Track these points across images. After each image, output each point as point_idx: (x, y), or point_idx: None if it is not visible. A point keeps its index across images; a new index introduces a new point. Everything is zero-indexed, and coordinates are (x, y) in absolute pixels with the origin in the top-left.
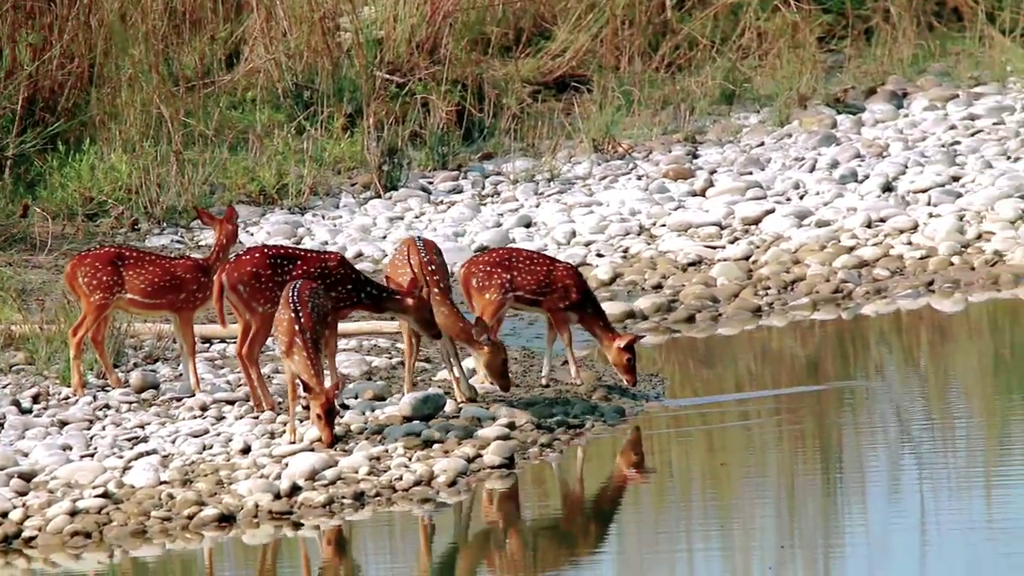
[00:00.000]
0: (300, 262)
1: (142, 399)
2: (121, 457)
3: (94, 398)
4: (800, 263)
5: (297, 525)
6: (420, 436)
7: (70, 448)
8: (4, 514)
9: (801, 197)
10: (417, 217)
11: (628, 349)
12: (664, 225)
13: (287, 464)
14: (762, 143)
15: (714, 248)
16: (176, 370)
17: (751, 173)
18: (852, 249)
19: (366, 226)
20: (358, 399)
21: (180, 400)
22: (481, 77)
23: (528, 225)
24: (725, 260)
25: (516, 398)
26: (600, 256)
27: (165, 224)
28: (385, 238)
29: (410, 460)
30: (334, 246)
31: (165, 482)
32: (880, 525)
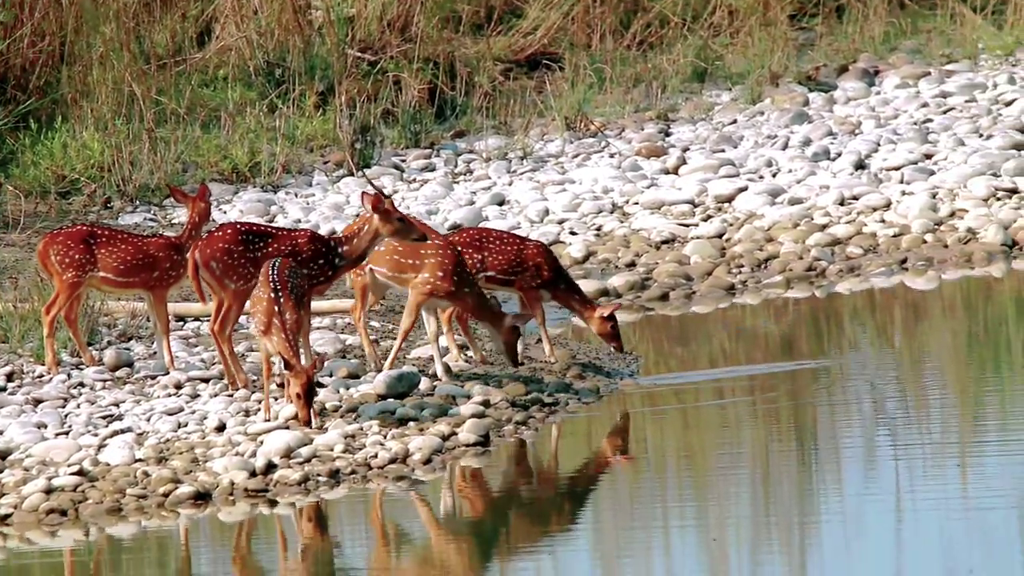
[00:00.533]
0: (271, 239)
1: (116, 377)
2: (96, 435)
3: (68, 376)
4: (773, 241)
5: (272, 503)
6: (395, 414)
7: (45, 426)
8: None
9: (774, 175)
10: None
11: (610, 318)
12: (637, 203)
13: (262, 442)
14: (734, 121)
15: (687, 226)
16: (150, 348)
17: (724, 151)
18: (825, 227)
19: (339, 204)
20: (332, 377)
21: (154, 378)
22: (453, 55)
23: (501, 203)
24: (698, 238)
25: (491, 376)
26: (573, 234)
27: (138, 202)
28: (358, 216)
29: (385, 438)
30: (307, 224)
31: (140, 460)
32: (855, 501)
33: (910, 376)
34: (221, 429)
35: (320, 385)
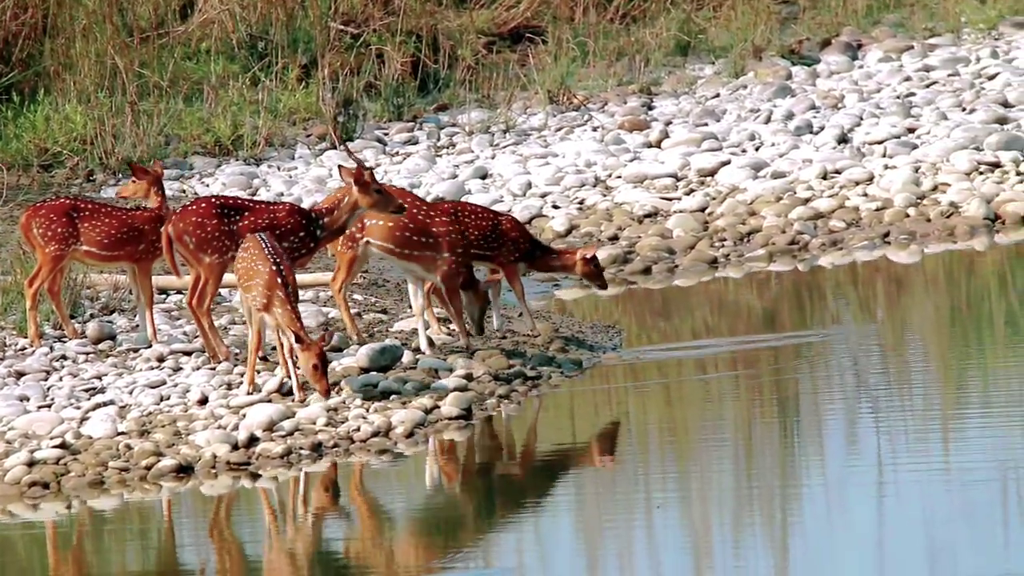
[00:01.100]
0: (247, 213)
1: (99, 350)
2: (78, 408)
3: (51, 349)
4: (756, 215)
5: (255, 476)
6: (378, 387)
7: (27, 399)
8: None
9: (757, 149)
10: (373, 168)
11: (592, 259)
12: (620, 177)
13: (244, 415)
14: (717, 95)
15: (670, 200)
16: (133, 321)
17: (706, 124)
18: (808, 201)
19: (322, 177)
20: None
21: (137, 351)
22: (436, 28)
23: (484, 177)
24: (681, 212)
25: (473, 349)
26: (556, 208)
27: (120, 175)
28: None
29: (368, 411)
30: (290, 197)
31: (123, 433)
32: (837, 473)
33: (892, 349)
34: (204, 402)
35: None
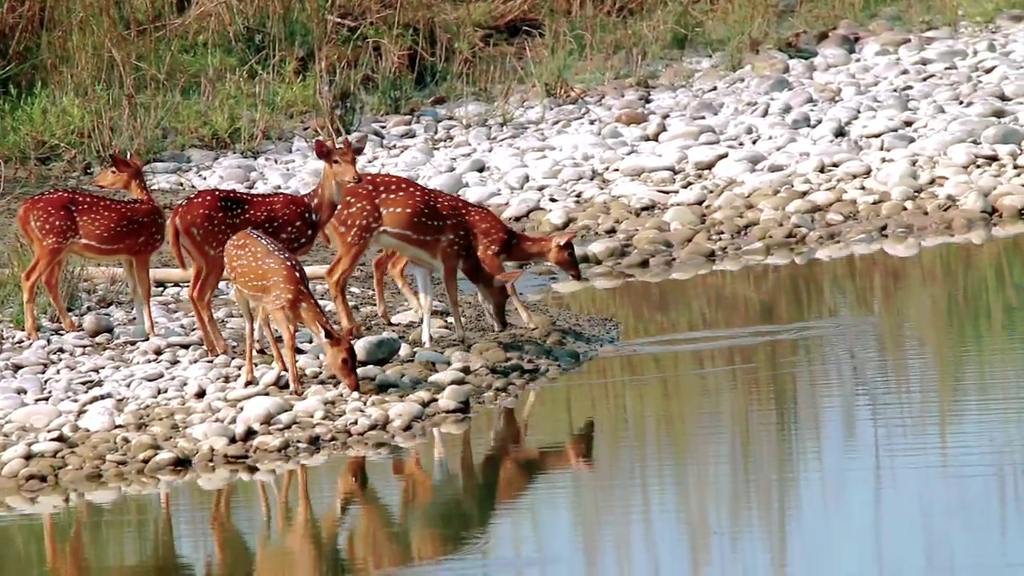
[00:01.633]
0: (248, 206)
1: (96, 343)
2: (76, 401)
3: (48, 342)
4: (753, 208)
5: (252, 469)
6: (375, 380)
7: (25, 392)
8: None
9: (754, 142)
10: (370, 162)
11: (567, 246)
12: (617, 170)
13: (242, 408)
14: (714, 88)
15: (667, 193)
16: (130, 314)
17: (704, 118)
18: (805, 194)
19: (319, 170)
20: (312, 343)
21: (134, 344)
22: (433, 21)
23: (481, 170)
24: (678, 205)
25: (471, 342)
26: (553, 201)
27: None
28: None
29: (365, 404)
30: (287, 190)
31: (120, 426)
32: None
33: (890, 342)
34: (201, 395)
35: (299, 351)
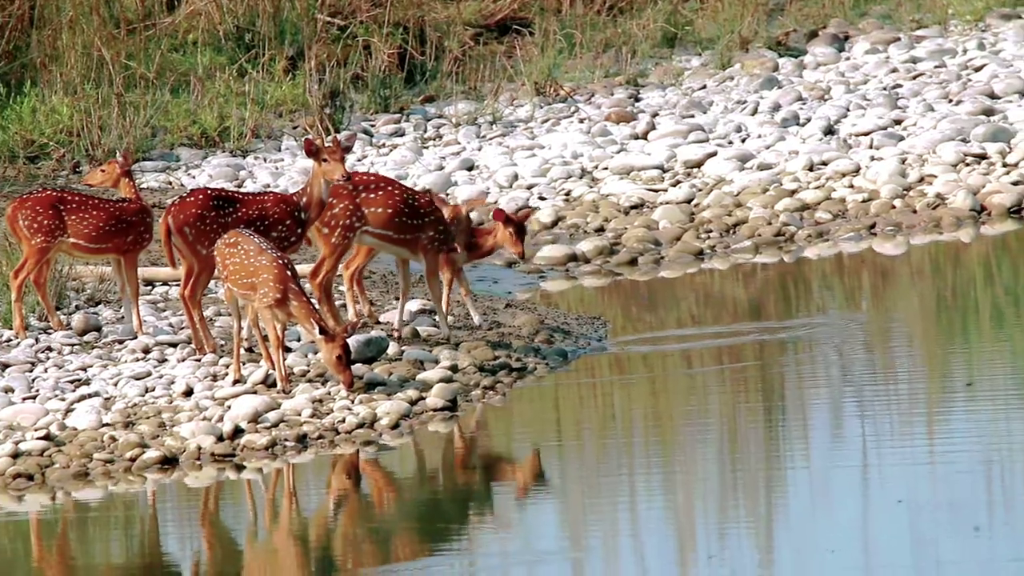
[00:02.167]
0: (240, 205)
1: (84, 341)
2: (63, 399)
3: (36, 340)
4: (742, 206)
5: (240, 467)
6: (363, 379)
7: (12, 390)
8: None
9: (743, 140)
10: (359, 160)
11: (510, 222)
12: (606, 168)
13: (229, 407)
14: (704, 86)
15: (656, 191)
16: (118, 312)
17: (693, 116)
18: (794, 192)
19: (308, 169)
20: (300, 341)
21: (122, 342)
22: (423, 20)
23: (470, 168)
24: (667, 203)
25: (456, 341)
26: (542, 199)
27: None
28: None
29: (353, 403)
30: (276, 189)
31: (107, 424)
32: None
33: (878, 340)
34: (189, 394)
35: (287, 349)
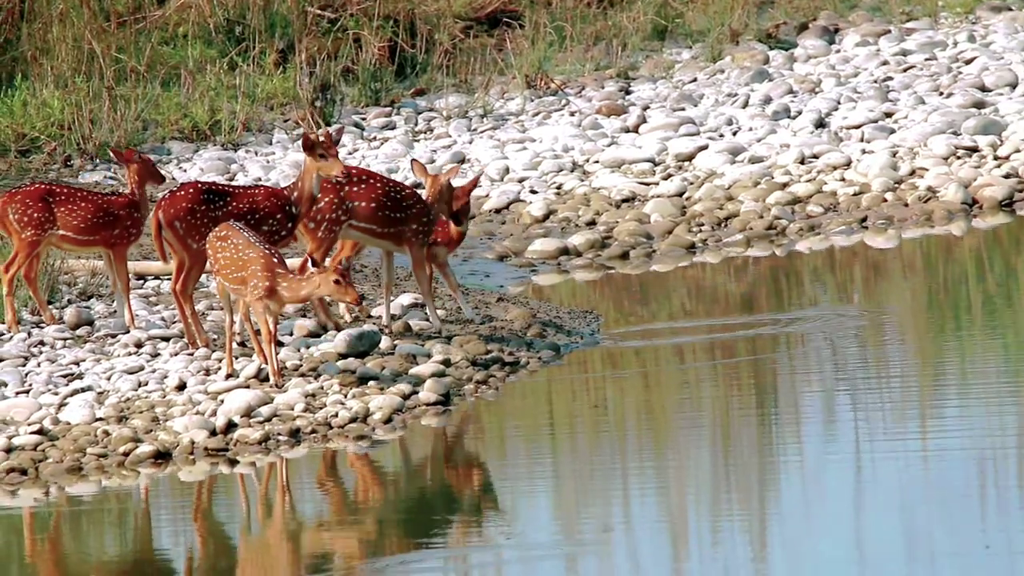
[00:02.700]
0: (231, 198)
1: (77, 336)
2: (56, 394)
3: (29, 335)
4: (734, 199)
5: (233, 462)
6: (355, 373)
7: (5, 385)
8: None
9: (734, 133)
10: (350, 154)
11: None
12: (597, 161)
13: (222, 401)
14: (695, 79)
15: (648, 184)
16: (111, 307)
17: (684, 109)
18: (785, 185)
19: (299, 162)
20: (293, 336)
21: (115, 337)
22: (413, 12)
23: (462, 161)
24: (659, 196)
25: (449, 335)
26: (534, 192)
27: (98, 160)
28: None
29: (346, 397)
30: (268, 182)
31: (101, 419)
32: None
33: (870, 333)
34: (181, 388)
35: (279, 344)
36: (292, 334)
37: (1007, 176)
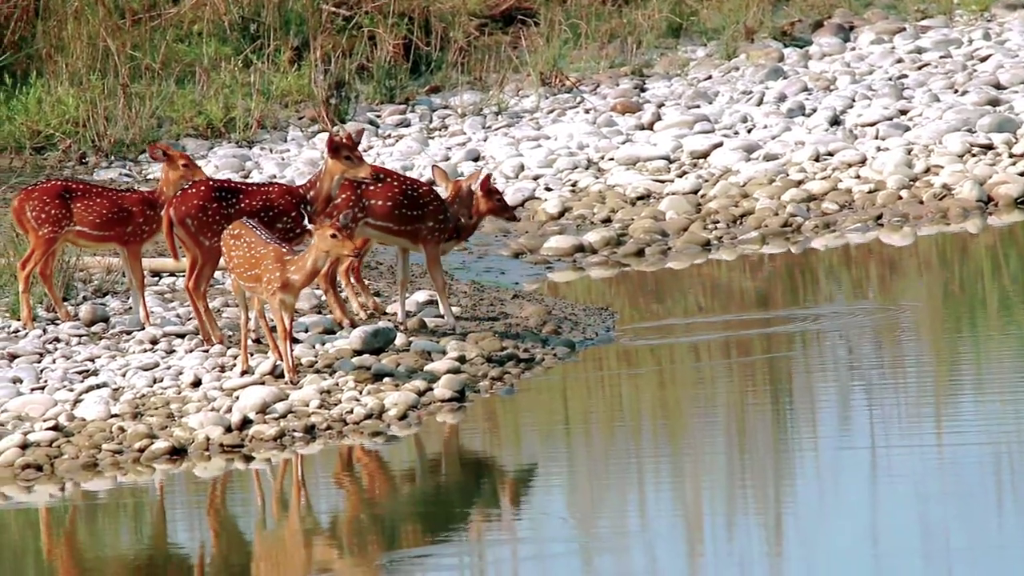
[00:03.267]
0: (243, 195)
1: (92, 332)
2: (72, 390)
3: (44, 331)
4: (749, 197)
5: (248, 458)
6: (370, 370)
7: (20, 381)
8: None
9: (749, 131)
10: (365, 151)
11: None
12: (612, 159)
13: (238, 397)
14: (709, 76)
15: (663, 182)
16: (126, 303)
17: (699, 107)
18: (800, 183)
19: (314, 159)
20: (308, 333)
21: (130, 333)
22: (428, 10)
23: (476, 159)
24: (674, 194)
25: (465, 331)
26: (548, 190)
27: (113, 157)
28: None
29: (361, 393)
30: (282, 179)
31: (116, 415)
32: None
33: (886, 331)
34: (197, 384)
35: (295, 340)
36: (307, 331)
37: (1022, 174)
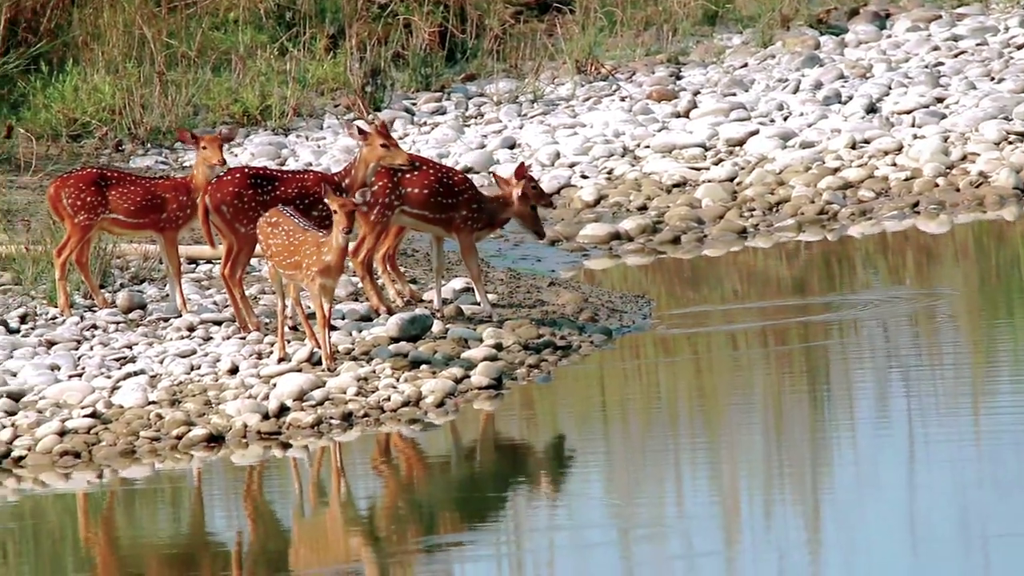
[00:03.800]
0: (279, 183)
1: (129, 319)
2: (109, 377)
3: (81, 318)
4: (785, 184)
5: (285, 445)
6: (407, 357)
7: (58, 368)
8: None
9: (785, 118)
10: (401, 139)
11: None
12: (648, 147)
13: (275, 384)
14: (745, 64)
15: (698, 170)
16: (163, 291)
17: (735, 94)
18: (837, 170)
19: (350, 147)
20: (345, 320)
21: (167, 320)
22: None
23: (512, 147)
24: (710, 181)
25: (501, 319)
26: (584, 178)
27: (149, 145)
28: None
29: (398, 381)
30: (318, 167)
31: (153, 402)
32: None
33: (923, 318)
34: (234, 372)
35: (332, 327)
36: (344, 318)
37: None
